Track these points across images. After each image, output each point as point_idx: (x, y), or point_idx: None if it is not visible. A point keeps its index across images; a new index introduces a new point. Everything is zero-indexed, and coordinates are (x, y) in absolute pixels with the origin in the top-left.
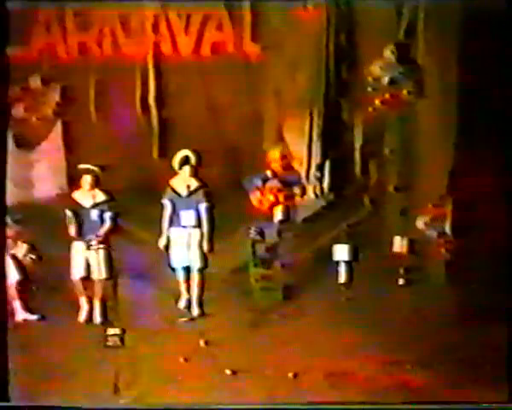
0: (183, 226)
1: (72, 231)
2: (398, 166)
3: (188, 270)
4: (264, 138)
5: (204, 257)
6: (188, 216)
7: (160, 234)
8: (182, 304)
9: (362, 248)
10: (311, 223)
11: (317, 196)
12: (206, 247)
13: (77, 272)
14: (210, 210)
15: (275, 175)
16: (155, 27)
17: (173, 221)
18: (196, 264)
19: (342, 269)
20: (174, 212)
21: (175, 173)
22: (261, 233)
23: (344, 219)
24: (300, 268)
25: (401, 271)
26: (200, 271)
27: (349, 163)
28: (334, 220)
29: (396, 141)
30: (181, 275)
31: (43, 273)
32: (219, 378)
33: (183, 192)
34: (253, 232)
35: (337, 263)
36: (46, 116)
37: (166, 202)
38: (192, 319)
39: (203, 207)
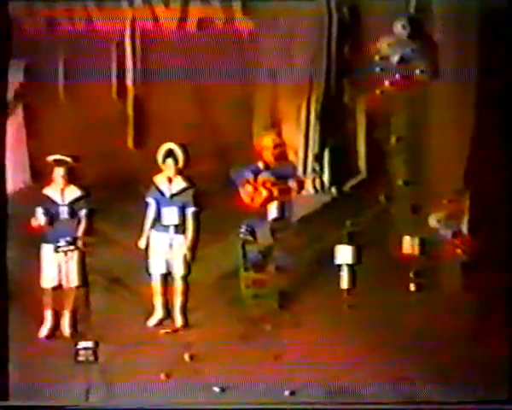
0: (165, 230)
1: (43, 230)
2: (407, 156)
3: (166, 278)
4: (256, 125)
5: (187, 263)
6: (171, 216)
7: (139, 235)
8: (152, 322)
9: (367, 250)
10: (309, 221)
11: (316, 190)
12: (189, 254)
13: (47, 280)
14: (197, 215)
15: (267, 166)
16: None
17: (155, 223)
18: (179, 271)
19: (345, 273)
20: (157, 212)
21: (157, 167)
22: (253, 233)
23: (346, 217)
24: (297, 272)
25: (411, 275)
26: (184, 278)
27: (352, 153)
28: (335, 218)
29: (405, 128)
30: (158, 285)
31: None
32: (206, 396)
33: (167, 192)
34: (243, 232)
35: (339, 267)
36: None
37: (151, 201)
38: (175, 331)
39: (189, 211)
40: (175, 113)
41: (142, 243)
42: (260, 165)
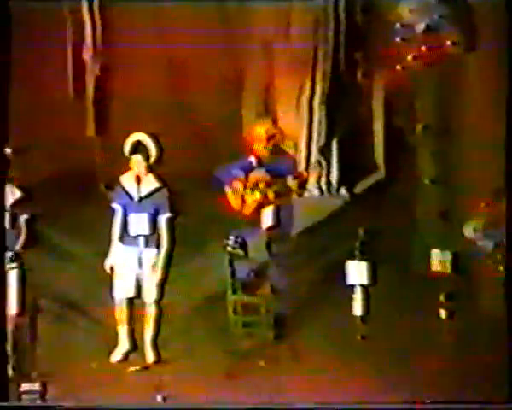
0: (133, 242)
1: None
2: (436, 148)
3: (134, 303)
4: (246, 110)
5: (161, 285)
6: (140, 225)
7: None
8: (116, 357)
9: (385, 267)
10: (313, 231)
11: (321, 192)
12: (163, 273)
13: None
14: (172, 222)
15: (260, 162)
16: None
17: (122, 234)
18: (150, 293)
19: (358, 296)
20: (123, 220)
21: (124, 163)
22: (243, 245)
23: (359, 225)
24: (298, 295)
25: (442, 298)
26: (156, 302)
27: (367, 146)
28: (345, 227)
29: (434, 113)
30: (124, 310)
31: None
32: None
33: (136, 194)
34: (231, 244)
35: (350, 288)
36: None
37: (117, 207)
38: (145, 368)
39: (163, 218)
40: (146, 95)
41: (108, 262)
42: (252, 160)
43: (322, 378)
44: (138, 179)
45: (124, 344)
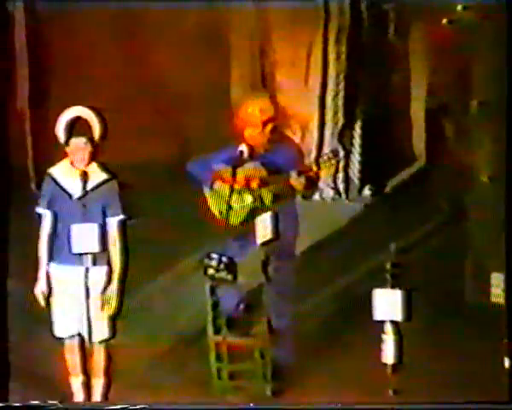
0: (75, 260)
1: None
2: (495, 132)
3: (83, 343)
4: (235, 81)
5: (113, 319)
6: (85, 237)
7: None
8: None
9: (425, 298)
10: (326, 247)
11: (337, 193)
12: (115, 300)
13: None
14: (123, 226)
15: (253, 153)
16: None
17: (57, 249)
18: (99, 331)
19: (388, 337)
20: (56, 229)
21: (61, 152)
22: (229, 267)
23: (390, 238)
24: (305, 336)
25: (505, 339)
26: (106, 342)
27: (401, 130)
28: (371, 242)
29: (493, 85)
30: (75, 356)
31: None
32: None
33: (75, 191)
34: (213, 265)
35: (378, 326)
36: None
37: (45, 213)
38: None
39: (114, 221)
40: (89, 60)
41: (39, 287)
42: (242, 150)
43: None
44: (84, 173)
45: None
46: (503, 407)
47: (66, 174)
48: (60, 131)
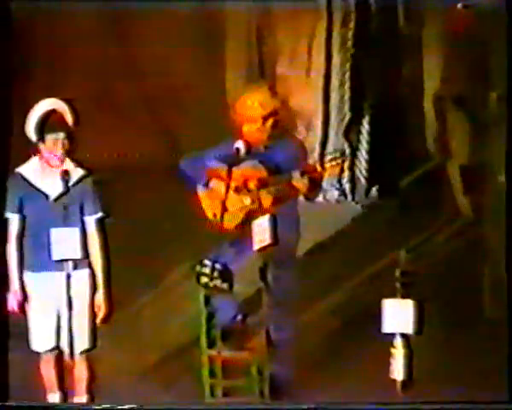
0: (56, 265)
1: None
2: None
3: (61, 355)
4: (231, 71)
5: (94, 329)
6: (65, 243)
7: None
8: None
9: (438, 309)
10: (329, 251)
11: (343, 194)
12: (102, 307)
13: None
14: (102, 226)
15: (251, 150)
16: None
17: (31, 256)
18: (80, 341)
19: (398, 351)
20: (30, 234)
21: (27, 150)
22: (224, 274)
23: (400, 243)
24: (306, 349)
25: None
26: (87, 353)
27: (412, 126)
28: (378, 247)
29: (511, 78)
30: (51, 371)
31: None
32: None
33: (53, 191)
34: (207, 273)
35: (387, 339)
36: None
37: (13, 217)
38: None
39: (92, 220)
40: (73, 37)
41: (13, 299)
42: (239, 147)
43: None
44: (65, 172)
45: None
46: (503, 406)
47: (39, 173)
48: (31, 127)
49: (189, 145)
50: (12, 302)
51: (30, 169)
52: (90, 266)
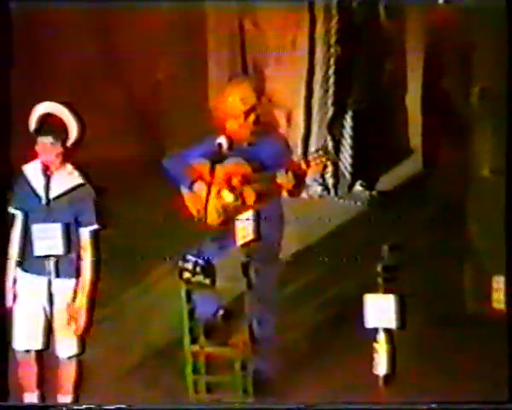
0: (39, 268)
1: None
2: (499, 122)
3: (42, 358)
4: (213, 65)
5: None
6: (47, 241)
7: None
8: None
9: (420, 304)
10: (312, 248)
11: (326, 189)
12: (83, 315)
13: None
14: (97, 237)
15: (234, 146)
16: None
17: (24, 254)
18: (66, 347)
19: (381, 347)
20: (26, 232)
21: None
22: (207, 270)
23: (383, 239)
24: (289, 345)
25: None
26: (74, 358)
27: (396, 120)
28: (362, 242)
29: (497, 70)
30: (32, 371)
31: None
32: None
33: (44, 195)
34: (189, 269)
35: (370, 334)
36: None
37: (17, 213)
38: None
39: (85, 232)
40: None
41: (10, 297)
42: (222, 143)
43: None
44: (47, 172)
45: None
46: (503, 406)
47: (36, 175)
48: (30, 127)
49: (173, 142)
50: (9, 298)
51: (32, 169)
52: (75, 275)
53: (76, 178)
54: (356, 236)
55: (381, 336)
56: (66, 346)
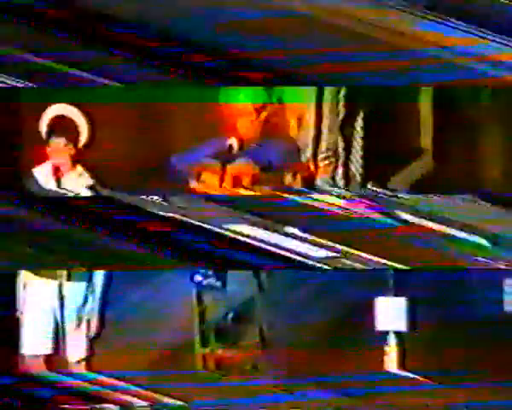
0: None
1: None
2: (507, 122)
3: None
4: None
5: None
6: None
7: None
8: None
9: (433, 307)
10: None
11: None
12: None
13: None
14: None
15: (242, 146)
16: None
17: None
18: (75, 351)
19: (391, 350)
20: None
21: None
22: (217, 273)
23: (390, 240)
24: (301, 348)
25: None
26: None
27: (407, 119)
28: (372, 244)
29: None
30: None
31: None
32: None
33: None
34: (200, 271)
35: (380, 337)
36: None
37: None
38: None
39: None
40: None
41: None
42: (232, 143)
43: None
44: (58, 173)
45: None
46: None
47: (46, 178)
48: (41, 129)
49: (181, 142)
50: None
51: (41, 172)
52: (85, 278)
53: (87, 180)
54: (367, 235)
55: (392, 339)
56: (76, 349)
